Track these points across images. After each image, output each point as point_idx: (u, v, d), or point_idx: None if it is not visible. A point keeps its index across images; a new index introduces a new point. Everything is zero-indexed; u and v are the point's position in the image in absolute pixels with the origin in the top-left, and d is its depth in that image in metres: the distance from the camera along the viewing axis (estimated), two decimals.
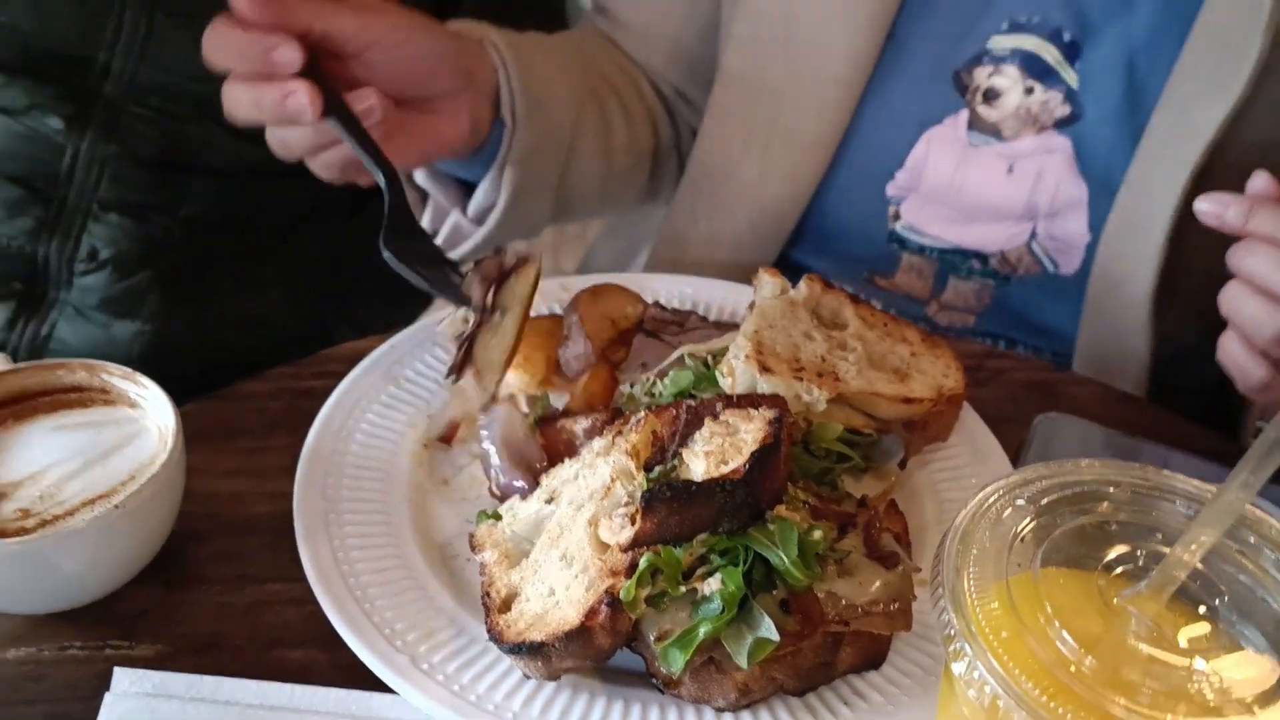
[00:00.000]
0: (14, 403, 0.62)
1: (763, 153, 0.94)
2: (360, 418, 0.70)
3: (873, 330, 0.71)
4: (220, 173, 1.07)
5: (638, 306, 0.77)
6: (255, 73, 0.72)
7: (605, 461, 0.59)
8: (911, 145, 0.93)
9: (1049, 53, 0.89)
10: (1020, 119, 0.90)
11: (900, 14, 0.91)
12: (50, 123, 1.02)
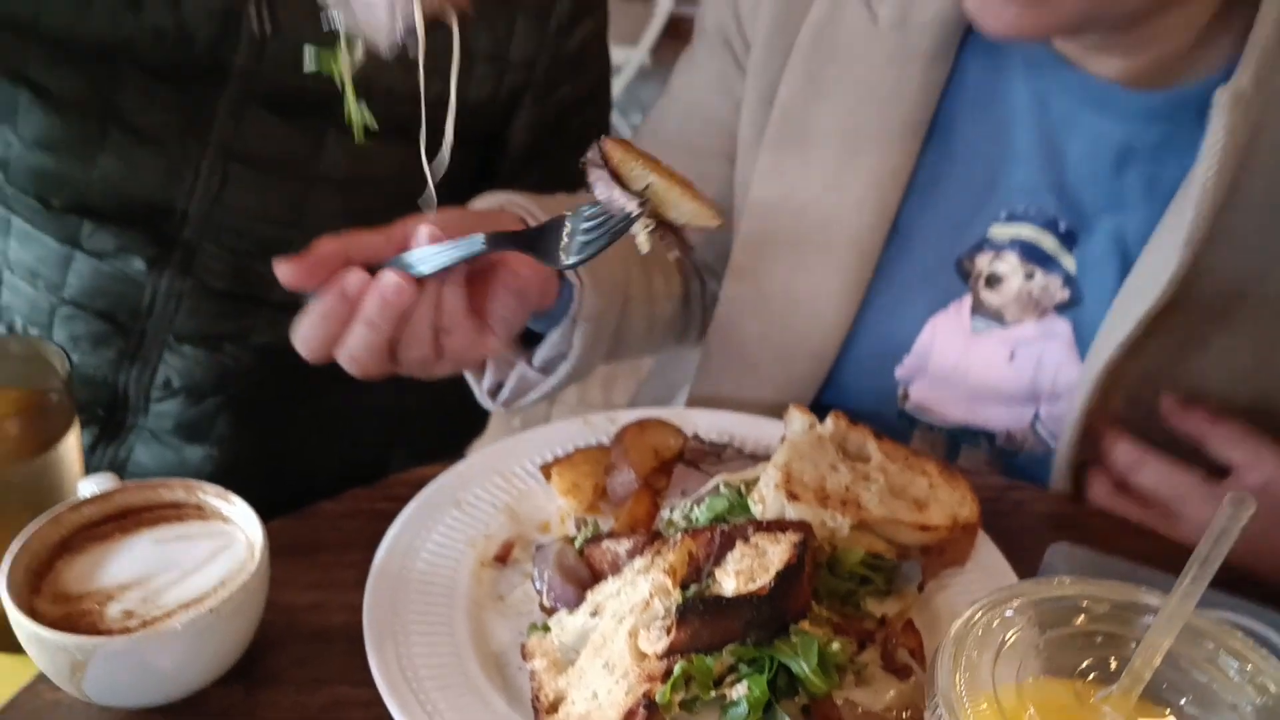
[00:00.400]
0: (120, 517, 0.69)
1: (775, 340, 0.99)
2: (425, 538, 0.77)
3: (894, 463, 0.78)
4: (285, 306, 1.16)
5: (679, 439, 0.84)
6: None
7: (645, 579, 0.65)
8: (918, 331, 0.97)
9: (1046, 241, 0.93)
10: (1022, 303, 0.94)
11: (904, 207, 0.96)
12: (134, 263, 1.11)
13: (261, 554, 0.66)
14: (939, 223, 0.96)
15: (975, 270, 0.96)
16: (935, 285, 0.96)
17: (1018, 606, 0.50)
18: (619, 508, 0.79)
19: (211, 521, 0.70)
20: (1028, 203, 0.94)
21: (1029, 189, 0.94)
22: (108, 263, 1.11)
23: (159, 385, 1.14)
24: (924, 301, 0.97)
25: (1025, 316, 0.94)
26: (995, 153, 0.95)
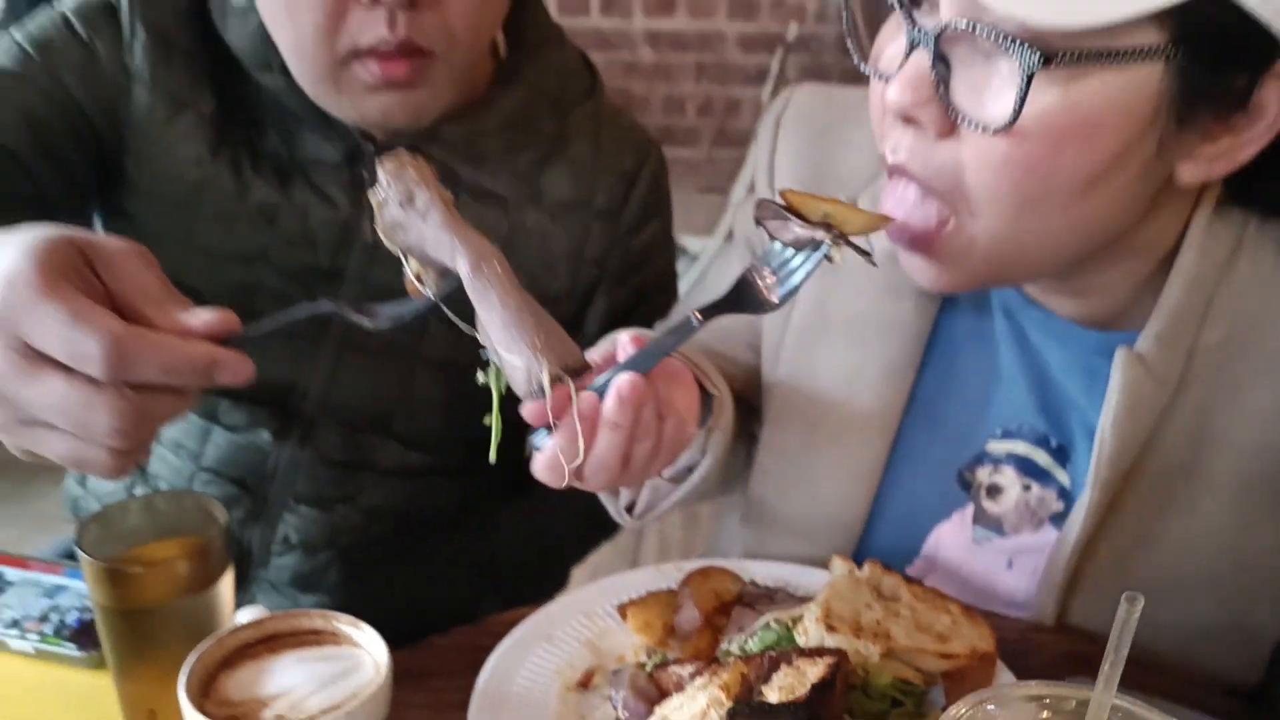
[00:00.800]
0: (269, 640, 0.84)
1: (801, 523, 1.08)
2: (520, 666, 0.90)
3: (922, 603, 0.90)
4: (390, 472, 1.31)
5: (738, 584, 0.97)
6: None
7: (704, 694, 0.78)
8: (925, 537, 1.04)
9: (1040, 457, 1.01)
10: (1020, 514, 1.01)
11: (908, 422, 1.04)
12: (262, 436, 1.27)
13: (386, 671, 0.80)
14: (941, 437, 1.04)
15: (976, 481, 1.03)
16: (939, 495, 1.04)
17: (997, 701, 0.62)
18: (685, 642, 0.92)
19: (344, 645, 0.84)
20: (1019, 421, 1.02)
21: (1018, 409, 1.02)
22: (240, 435, 1.28)
23: (279, 541, 1.30)
24: (929, 510, 1.05)
25: (1023, 527, 1.02)
26: (987, 376, 1.04)
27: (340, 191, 1.22)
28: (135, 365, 0.69)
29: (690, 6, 4.24)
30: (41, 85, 1.17)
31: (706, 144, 4.34)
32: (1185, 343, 0.92)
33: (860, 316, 1.06)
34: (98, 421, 0.69)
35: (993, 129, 0.77)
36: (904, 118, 0.83)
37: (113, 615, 0.86)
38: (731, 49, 4.31)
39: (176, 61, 1.19)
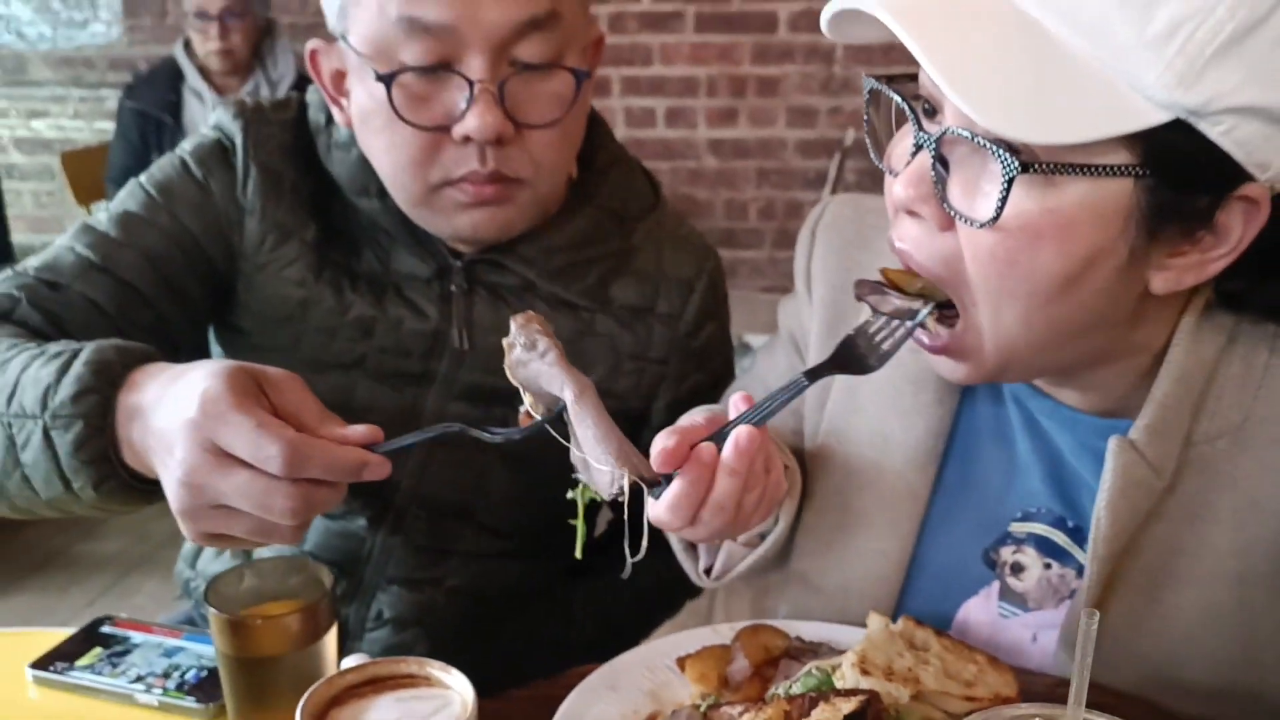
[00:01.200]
0: (372, 683, 0.95)
1: (838, 599, 1.16)
2: (587, 711, 1.01)
3: (950, 653, 0.99)
4: (471, 555, 1.42)
5: (785, 639, 1.07)
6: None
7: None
8: (954, 613, 1.12)
9: (1059, 537, 1.08)
10: (1042, 590, 1.08)
11: (931, 508, 1.13)
12: (358, 523, 1.39)
13: (473, 706, 0.91)
14: (966, 519, 1.12)
15: (1001, 560, 1.10)
16: (967, 573, 1.11)
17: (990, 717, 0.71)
18: (736, 691, 1.02)
19: (435, 687, 0.95)
20: (1038, 505, 1.09)
21: (1036, 494, 1.09)
22: (338, 523, 1.40)
23: (372, 618, 1.42)
24: (958, 587, 1.12)
25: (1045, 602, 1.08)
26: (1006, 462, 1.11)
27: (430, 304, 1.34)
28: (304, 465, 0.89)
29: (751, 116, 4.44)
30: (163, 225, 1.31)
31: (768, 246, 4.49)
32: (1179, 433, 0.98)
33: (888, 407, 1.15)
34: (277, 506, 0.90)
35: (978, 224, 0.87)
36: (908, 211, 0.94)
37: (234, 663, 0.99)
38: (791, 155, 4.49)
39: (284, 196, 1.33)
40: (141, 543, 3.84)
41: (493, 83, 1.16)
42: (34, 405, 1.00)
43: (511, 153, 1.20)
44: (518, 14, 1.15)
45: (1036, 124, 0.81)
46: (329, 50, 1.29)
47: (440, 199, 1.24)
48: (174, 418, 0.91)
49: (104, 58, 4.90)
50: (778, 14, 4.37)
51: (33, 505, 1.07)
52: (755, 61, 4.41)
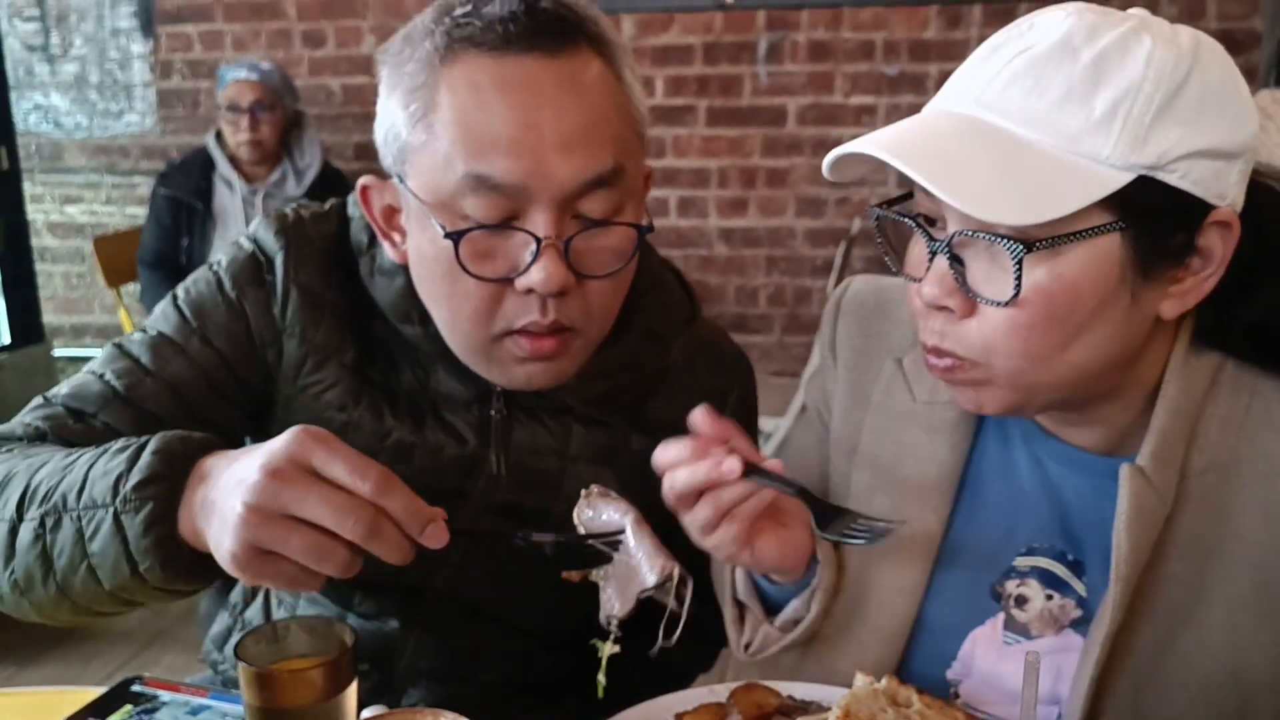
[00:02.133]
0: None
1: (847, 646, 1.25)
2: None
3: (931, 709, 1.05)
4: (501, 651, 1.45)
5: (777, 698, 1.13)
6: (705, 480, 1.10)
7: None
8: (961, 643, 1.21)
9: (1059, 570, 1.18)
10: (1044, 620, 1.18)
11: (943, 547, 1.23)
12: (390, 624, 1.40)
13: None
14: (975, 556, 1.22)
15: (1005, 593, 1.20)
16: (974, 606, 1.21)
17: None
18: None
19: None
20: (1040, 540, 1.19)
21: (1039, 531, 1.19)
22: (371, 623, 1.42)
23: None
24: (966, 619, 1.21)
25: (1046, 631, 1.17)
26: (1012, 504, 1.22)
27: (469, 428, 1.35)
28: (390, 498, 0.98)
29: (761, 206, 4.57)
30: (193, 351, 1.32)
31: (778, 331, 4.59)
32: (1176, 464, 1.09)
33: (906, 452, 1.26)
34: (350, 521, 0.97)
35: (1002, 303, 1.00)
36: (937, 307, 1.06)
37: (262, 714, 1.06)
38: (800, 243, 4.60)
39: (324, 317, 1.33)
40: (159, 617, 3.90)
41: (559, 239, 1.16)
42: (104, 494, 1.06)
43: (570, 302, 1.21)
44: (586, 172, 1.16)
45: (1027, 210, 0.95)
46: (381, 187, 1.28)
47: (499, 349, 1.24)
48: (255, 457, 0.98)
49: (137, 146, 5.06)
50: (787, 108, 4.52)
51: (93, 601, 1.12)
52: (765, 154, 4.54)
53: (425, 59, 1.17)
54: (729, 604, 1.29)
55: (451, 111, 1.15)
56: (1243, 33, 3.97)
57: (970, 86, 1.02)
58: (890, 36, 4.37)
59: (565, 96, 1.16)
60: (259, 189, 4.15)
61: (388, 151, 1.23)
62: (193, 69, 4.95)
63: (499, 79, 1.15)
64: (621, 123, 1.21)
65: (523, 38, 1.15)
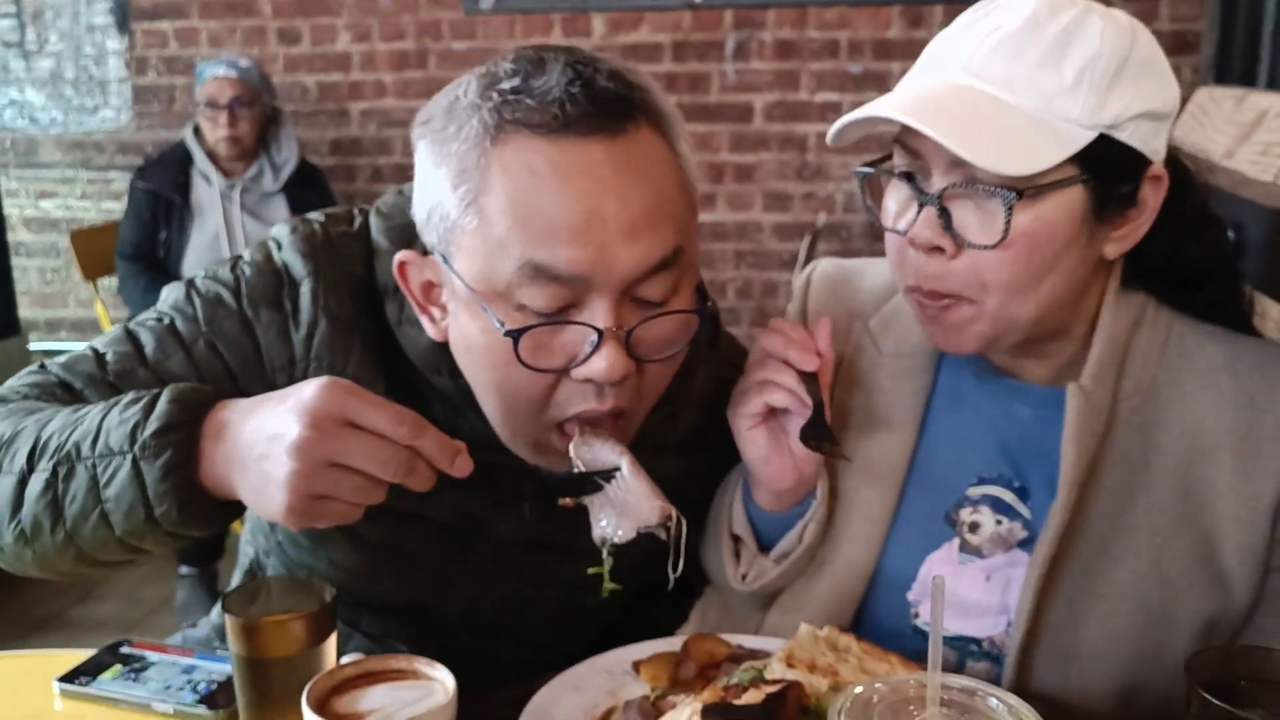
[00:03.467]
0: (367, 676, 1.09)
1: (816, 584, 1.37)
2: (554, 707, 1.16)
3: (868, 655, 1.15)
4: (511, 666, 1.39)
5: (728, 647, 1.22)
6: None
7: (689, 707, 1.03)
8: (920, 566, 1.34)
9: (1007, 496, 1.32)
10: (994, 542, 1.31)
11: (909, 479, 1.37)
12: (398, 648, 1.38)
13: (453, 693, 1.06)
14: (932, 489, 1.36)
15: (959, 520, 1.34)
16: (931, 533, 1.35)
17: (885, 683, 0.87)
18: (685, 689, 1.17)
19: (422, 680, 1.10)
20: (990, 471, 1.34)
21: (989, 462, 1.34)
22: (378, 644, 1.42)
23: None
24: (924, 545, 1.35)
25: (996, 551, 1.31)
26: (964, 439, 1.36)
27: (499, 473, 1.25)
28: (423, 439, 1.03)
29: (729, 201, 4.66)
30: (197, 354, 1.28)
31: (746, 323, 4.68)
32: (1110, 388, 1.24)
33: (874, 400, 1.40)
34: (392, 465, 1.02)
35: (990, 245, 1.15)
36: (930, 248, 1.19)
37: (246, 663, 1.13)
38: (768, 238, 4.70)
39: (356, 350, 1.28)
40: (134, 607, 3.96)
41: (620, 328, 1.12)
42: (121, 442, 1.08)
43: (627, 386, 1.17)
44: (649, 259, 1.12)
45: (1021, 162, 1.12)
46: (421, 263, 1.22)
47: (549, 438, 1.21)
48: (287, 403, 1.02)
49: (113, 142, 5.10)
50: (754, 105, 4.62)
51: (100, 548, 1.14)
52: (733, 149, 4.65)
53: (474, 138, 1.11)
54: (726, 539, 1.39)
55: (506, 197, 1.10)
56: (1193, 34, 4.10)
57: (957, 56, 1.18)
58: (854, 35, 4.49)
59: (627, 181, 1.11)
60: (236, 184, 4.20)
61: (431, 229, 1.18)
62: (168, 65, 5.00)
63: (558, 164, 1.09)
64: (682, 200, 1.17)
65: (581, 120, 1.10)
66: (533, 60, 1.14)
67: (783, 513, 1.36)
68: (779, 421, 1.31)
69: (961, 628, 1.32)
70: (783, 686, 1.01)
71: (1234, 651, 0.97)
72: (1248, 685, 0.93)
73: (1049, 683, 1.25)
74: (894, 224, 1.24)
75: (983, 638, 1.31)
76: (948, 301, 1.22)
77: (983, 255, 1.17)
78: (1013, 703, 0.85)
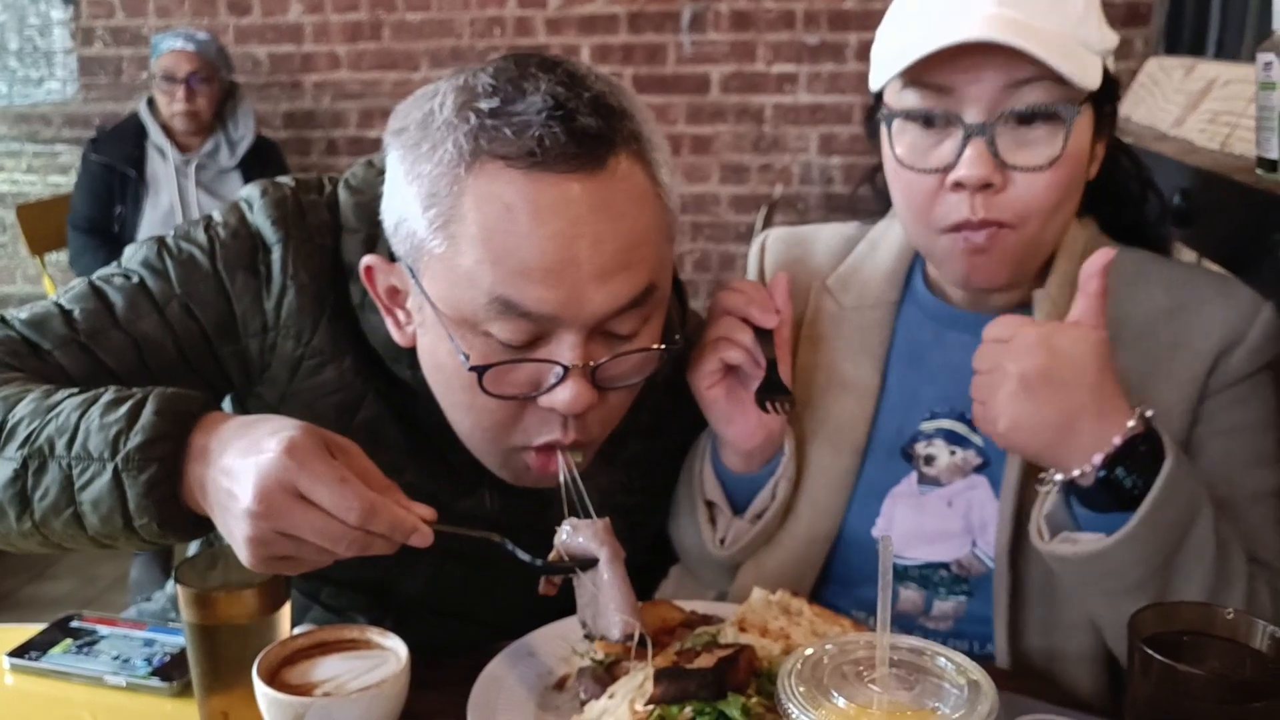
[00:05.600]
0: (320, 646, 1.10)
1: (782, 544, 1.39)
2: (509, 673, 1.16)
3: (819, 618, 1.16)
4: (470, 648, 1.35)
5: (682, 612, 1.23)
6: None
7: (642, 673, 1.04)
8: (882, 502, 1.37)
9: (959, 428, 1.36)
10: (951, 471, 1.35)
11: (870, 443, 1.39)
12: (357, 619, 1.37)
13: (406, 662, 1.06)
14: (889, 428, 1.40)
15: (916, 454, 1.37)
16: (891, 470, 1.38)
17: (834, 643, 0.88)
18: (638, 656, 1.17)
19: (375, 649, 1.10)
20: (942, 404, 1.37)
21: (941, 396, 1.37)
22: (339, 616, 1.41)
23: None
24: (885, 481, 1.38)
25: (955, 478, 1.35)
26: (919, 377, 1.40)
27: (461, 461, 1.28)
28: (373, 521, 0.98)
29: (687, 173, 4.65)
30: (171, 315, 1.25)
31: (703, 296, 4.68)
32: (1069, 299, 1.22)
33: (841, 352, 1.43)
34: (343, 546, 0.99)
35: (1044, 166, 1.21)
36: (983, 184, 1.21)
37: (199, 631, 1.13)
38: (724, 210, 4.70)
39: (324, 322, 1.27)
40: (89, 585, 3.93)
41: (586, 364, 1.12)
42: (102, 448, 1.04)
43: (591, 415, 1.18)
44: (619, 299, 1.12)
45: (1089, 75, 1.20)
46: (388, 270, 1.21)
47: (513, 459, 1.23)
48: (249, 457, 0.97)
49: (59, 114, 5.02)
50: (710, 76, 4.61)
51: (69, 541, 1.11)
52: (689, 121, 4.63)
53: (448, 162, 1.09)
54: (700, 506, 1.41)
55: (478, 229, 1.08)
56: (1144, 6, 4.13)
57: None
58: (810, 7, 4.47)
59: (604, 223, 1.09)
60: (193, 158, 4.14)
61: (400, 241, 1.16)
62: (115, 36, 4.92)
63: (532, 201, 1.07)
64: (659, 235, 1.16)
65: (559, 158, 1.07)
66: (513, 79, 1.11)
67: (753, 473, 1.37)
68: (738, 378, 1.32)
69: (929, 554, 1.35)
70: (734, 650, 1.02)
71: (1176, 607, 0.98)
72: (1190, 640, 0.94)
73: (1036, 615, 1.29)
74: (925, 164, 1.25)
75: (950, 560, 1.34)
76: (993, 230, 1.24)
77: (1031, 180, 1.21)
78: (961, 661, 0.87)
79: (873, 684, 0.85)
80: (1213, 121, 2.13)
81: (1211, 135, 2.09)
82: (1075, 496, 1.17)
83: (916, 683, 0.85)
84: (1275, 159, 1.47)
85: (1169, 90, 2.43)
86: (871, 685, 0.85)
